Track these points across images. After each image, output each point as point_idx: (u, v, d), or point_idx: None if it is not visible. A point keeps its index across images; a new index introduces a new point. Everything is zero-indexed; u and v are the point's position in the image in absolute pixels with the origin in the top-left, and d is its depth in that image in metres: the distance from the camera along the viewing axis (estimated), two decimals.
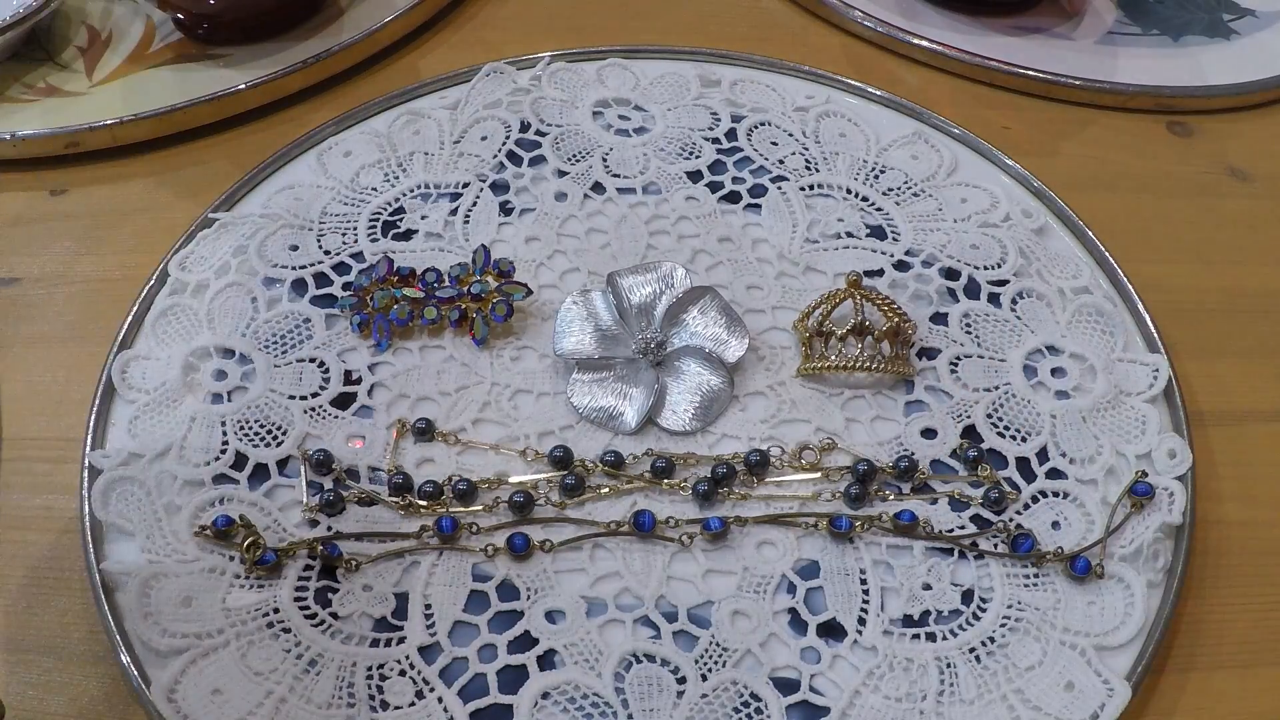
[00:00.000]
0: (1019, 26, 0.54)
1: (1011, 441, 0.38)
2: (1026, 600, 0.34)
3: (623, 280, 0.40)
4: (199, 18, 0.51)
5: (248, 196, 0.45)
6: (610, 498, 0.36)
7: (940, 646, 0.33)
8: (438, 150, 0.46)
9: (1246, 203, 0.48)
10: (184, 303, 0.40)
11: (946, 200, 0.45)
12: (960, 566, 0.35)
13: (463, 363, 0.39)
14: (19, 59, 0.51)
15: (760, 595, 0.34)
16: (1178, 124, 0.51)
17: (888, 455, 0.37)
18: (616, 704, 0.32)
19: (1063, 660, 0.33)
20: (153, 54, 0.52)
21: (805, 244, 0.43)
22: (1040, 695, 0.32)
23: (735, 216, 0.44)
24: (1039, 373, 0.40)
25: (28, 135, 0.47)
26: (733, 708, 0.32)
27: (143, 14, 0.54)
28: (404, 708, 0.32)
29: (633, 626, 0.33)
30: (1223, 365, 0.42)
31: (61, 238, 0.45)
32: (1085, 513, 0.36)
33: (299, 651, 0.32)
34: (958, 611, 0.34)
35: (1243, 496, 0.38)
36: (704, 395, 0.38)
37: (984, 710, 0.32)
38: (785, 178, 0.46)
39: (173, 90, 0.49)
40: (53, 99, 0.49)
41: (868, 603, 0.34)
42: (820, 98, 0.49)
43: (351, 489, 0.35)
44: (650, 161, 0.46)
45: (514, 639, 0.33)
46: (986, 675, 0.33)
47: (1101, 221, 0.44)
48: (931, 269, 0.43)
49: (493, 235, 0.43)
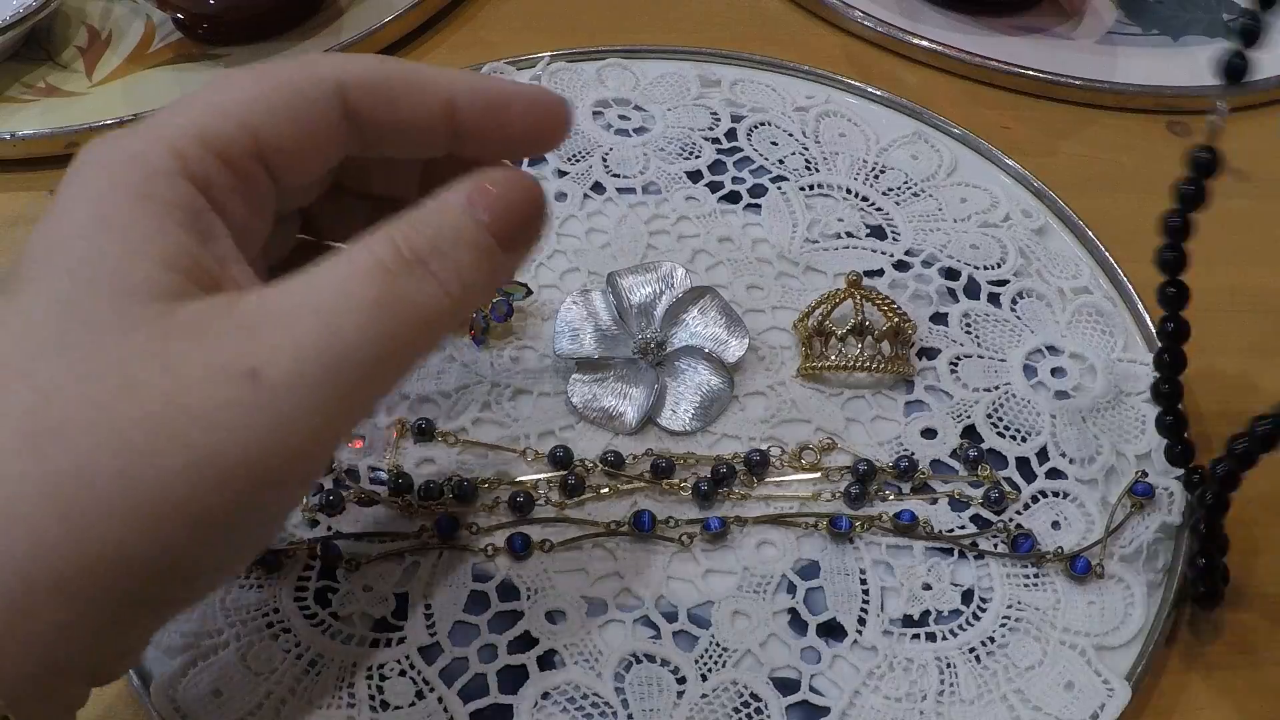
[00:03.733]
0: (1019, 26, 0.54)
1: (1011, 441, 0.38)
2: (1026, 600, 0.34)
3: (623, 280, 0.40)
4: (199, 18, 0.51)
5: None
6: (610, 498, 0.36)
7: (940, 646, 0.33)
8: None
9: (1246, 203, 0.48)
10: None
11: (946, 200, 0.45)
12: (960, 566, 0.35)
13: (463, 363, 0.39)
14: (19, 59, 0.51)
15: (760, 595, 0.34)
16: (1178, 124, 0.51)
17: (888, 455, 0.37)
18: (616, 704, 0.32)
19: (1063, 660, 0.33)
20: (153, 54, 0.52)
21: (805, 244, 0.43)
22: (1040, 695, 0.32)
23: (735, 216, 0.44)
24: (1039, 373, 0.40)
25: (28, 135, 0.47)
26: (733, 708, 0.32)
27: (143, 14, 0.54)
28: (404, 708, 0.32)
29: (633, 626, 0.33)
30: (1223, 365, 0.42)
31: None
32: (1085, 513, 0.36)
33: (299, 652, 0.32)
34: (958, 611, 0.34)
35: (1242, 496, 0.38)
36: (704, 395, 0.38)
37: (984, 710, 0.32)
38: (785, 178, 0.46)
39: (173, 90, 0.49)
40: (53, 99, 0.49)
41: (868, 603, 0.34)
42: (820, 98, 0.49)
43: (351, 489, 0.35)
44: (650, 161, 0.46)
45: (514, 639, 0.33)
46: (986, 675, 0.33)
47: (1101, 221, 0.44)
48: (931, 269, 0.43)
49: None
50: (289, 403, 0.22)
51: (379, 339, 0.22)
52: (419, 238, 0.24)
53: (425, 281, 0.23)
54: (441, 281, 0.24)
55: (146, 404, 0.21)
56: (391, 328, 0.23)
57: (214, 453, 0.21)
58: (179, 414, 0.21)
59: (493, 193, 0.25)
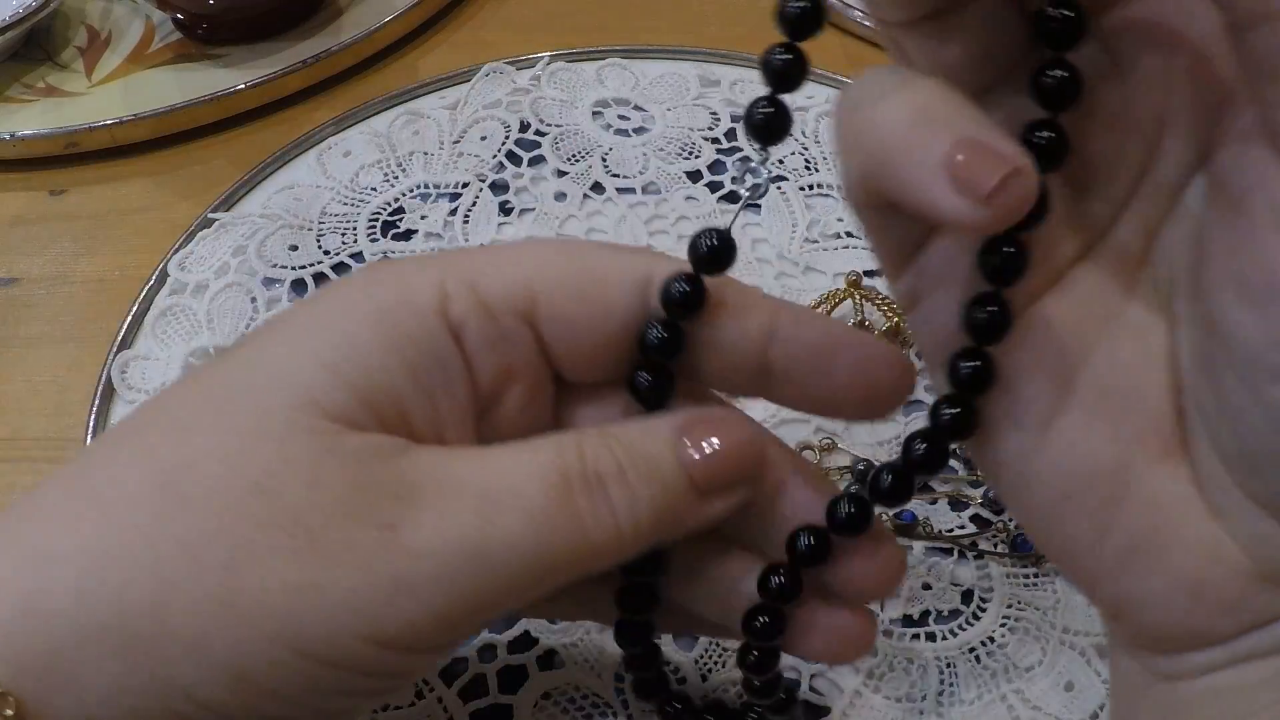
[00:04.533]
0: None
1: None
2: (1026, 600, 0.34)
3: None
4: (199, 18, 0.51)
5: (247, 197, 0.45)
6: None
7: (940, 646, 0.33)
8: (437, 150, 0.46)
9: None
10: (184, 303, 0.40)
11: None
12: (960, 566, 0.35)
13: None
14: (19, 59, 0.51)
15: None
16: None
17: (888, 455, 0.37)
18: (616, 704, 0.32)
19: (1063, 660, 0.33)
20: (152, 54, 0.52)
21: (805, 244, 0.43)
22: (1040, 695, 0.32)
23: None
24: None
25: (27, 135, 0.47)
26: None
27: (142, 14, 0.54)
28: (404, 708, 0.32)
29: None
30: None
31: (61, 238, 0.45)
32: None
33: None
34: (958, 611, 0.34)
35: None
36: None
37: (984, 710, 0.32)
38: (785, 178, 0.46)
39: (172, 90, 0.49)
40: (52, 99, 0.49)
41: None
42: (820, 98, 0.49)
43: None
44: (650, 161, 0.46)
45: (514, 639, 0.33)
46: (986, 675, 0.33)
47: None
48: None
49: (492, 235, 0.43)
50: (413, 569, 0.20)
51: (531, 549, 0.21)
52: (609, 457, 0.22)
53: (600, 508, 0.21)
54: (615, 511, 0.21)
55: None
56: (548, 541, 0.21)
57: (320, 584, 0.20)
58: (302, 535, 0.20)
59: (707, 433, 0.22)
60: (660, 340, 0.23)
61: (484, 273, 0.23)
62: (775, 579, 0.23)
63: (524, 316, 0.23)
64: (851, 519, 0.23)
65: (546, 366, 0.23)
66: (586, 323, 0.23)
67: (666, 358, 0.23)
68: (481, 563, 0.20)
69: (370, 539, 0.20)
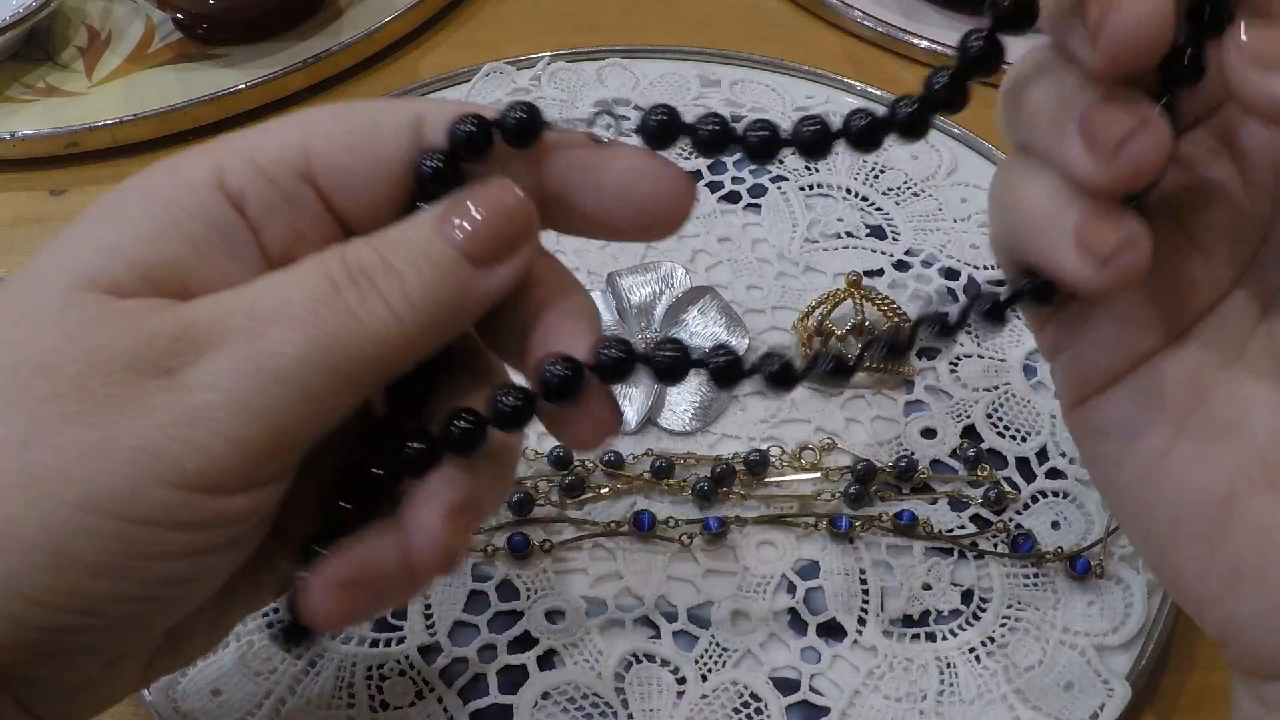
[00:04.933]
0: None
1: (1011, 441, 0.38)
2: (1026, 600, 0.34)
3: (622, 280, 0.40)
4: (199, 18, 0.51)
5: None
6: (610, 498, 0.36)
7: (940, 646, 0.33)
8: None
9: None
10: None
11: (946, 200, 0.45)
12: (960, 566, 0.35)
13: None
14: (19, 59, 0.51)
15: (760, 595, 0.34)
16: None
17: (887, 455, 0.37)
18: (616, 704, 0.32)
19: (1063, 660, 0.33)
20: (152, 54, 0.52)
21: (805, 244, 0.43)
22: (1040, 695, 0.32)
23: (735, 216, 0.44)
24: (1039, 372, 0.40)
25: (27, 135, 0.47)
26: (733, 708, 0.32)
27: (142, 14, 0.54)
28: (404, 708, 0.32)
29: (633, 626, 0.33)
30: None
31: None
32: (1085, 513, 0.36)
33: (299, 652, 0.32)
34: (958, 611, 0.34)
35: None
36: (703, 395, 0.38)
37: (984, 710, 0.32)
38: (785, 177, 0.46)
39: (173, 90, 0.49)
40: (52, 99, 0.49)
41: (868, 603, 0.34)
42: (820, 98, 0.49)
43: None
44: None
45: (514, 639, 0.33)
46: (986, 675, 0.33)
47: None
48: (931, 269, 0.43)
49: None
50: (196, 401, 0.20)
51: (309, 354, 0.21)
52: (370, 253, 0.22)
53: (369, 298, 0.22)
54: (386, 297, 0.22)
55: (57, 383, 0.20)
56: (324, 342, 0.21)
57: (107, 438, 0.20)
58: (84, 395, 0.20)
59: (471, 207, 0.23)
60: (434, 170, 0.23)
61: (257, 144, 0.23)
62: (505, 400, 0.23)
63: (303, 177, 0.23)
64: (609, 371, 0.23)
65: (335, 224, 0.24)
66: (364, 170, 0.23)
67: (443, 187, 0.23)
68: (262, 378, 0.21)
69: (152, 385, 0.20)
